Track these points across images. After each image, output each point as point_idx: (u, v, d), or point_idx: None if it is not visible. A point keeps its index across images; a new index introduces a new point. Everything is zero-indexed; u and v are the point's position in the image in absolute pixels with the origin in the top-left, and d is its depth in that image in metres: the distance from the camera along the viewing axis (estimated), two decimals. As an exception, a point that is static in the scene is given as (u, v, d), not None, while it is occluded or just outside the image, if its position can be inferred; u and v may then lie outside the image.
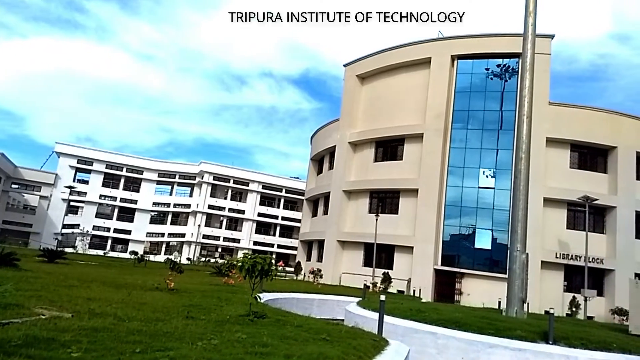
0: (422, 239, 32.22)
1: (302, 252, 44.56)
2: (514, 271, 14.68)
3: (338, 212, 37.61)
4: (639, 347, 10.24)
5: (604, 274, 30.71)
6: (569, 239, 30.43)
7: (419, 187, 33.27)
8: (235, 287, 14.48)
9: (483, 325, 10.59)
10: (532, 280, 23.63)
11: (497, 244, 31.22)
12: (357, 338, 6.58)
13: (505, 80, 33.65)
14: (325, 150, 42.95)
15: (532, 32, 16.42)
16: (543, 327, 10.49)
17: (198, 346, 4.95)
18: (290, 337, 5.92)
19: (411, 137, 35.01)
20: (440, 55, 34.84)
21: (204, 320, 6.96)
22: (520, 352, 9.52)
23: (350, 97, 39.73)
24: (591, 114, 32.51)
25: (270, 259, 7.81)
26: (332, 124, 42.28)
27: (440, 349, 10.12)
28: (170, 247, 74.07)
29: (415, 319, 11.22)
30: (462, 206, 32.84)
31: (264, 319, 7.29)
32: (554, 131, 31.16)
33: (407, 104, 35.92)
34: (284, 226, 77.97)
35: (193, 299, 10.11)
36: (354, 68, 40.28)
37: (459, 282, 31.50)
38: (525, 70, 16.18)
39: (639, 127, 32.71)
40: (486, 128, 33.45)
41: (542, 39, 29.80)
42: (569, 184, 30.69)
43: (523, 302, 14.79)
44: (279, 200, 78.88)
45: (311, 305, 16.80)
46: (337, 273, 35.67)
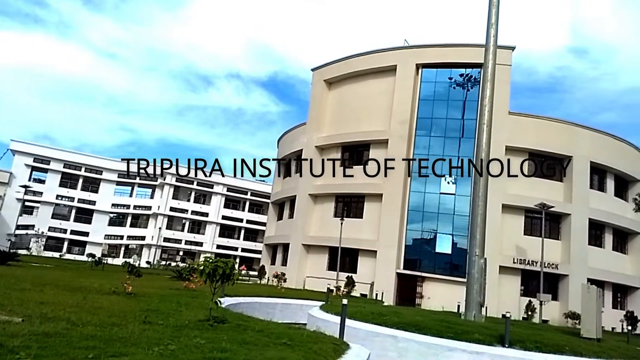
0: (386, 243, 32.62)
1: (267, 256, 44.27)
2: (473, 275, 15.05)
3: (304, 216, 37.60)
4: (590, 349, 10.67)
5: (558, 279, 31.92)
6: (526, 245, 31.49)
7: (383, 192, 33.70)
8: (196, 292, 14.22)
9: (442, 329, 10.80)
10: (490, 285, 24.31)
11: (457, 248, 31.96)
12: (318, 342, 6.58)
13: (467, 89, 34.58)
14: (292, 154, 42.90)
15: (493, 44, 16.95)
16: (500, 331, 10.79)
17: (154, 352, 4.83)
18: (251, 342, 5.86)
19: (376, 142, 35.45)
20: (405, 63, 35.48)
21: (162, 325, 6.80)
22: (477, 355, 9.75)
23: (318, 101, 39.90)
24: (549, 124, 33.82)
25: (232, 263, 7.72)
26: (299, 127, 42.33)
27: (401, 352, 10.24)
28: (129, 250, 72.08)
29: (377, 322, 11.32)
30: (424, 211, 33.48)
31: (225, 324, 7.19)
32: (513, 140, 32.22)
33: (373, 110, 36.37)
34: (248, 229, 77.26)
35: (151, 303, 9.86)
36: (321, 73, 40.49)
37: (420, 286, 32.04)
38: (487, 80, 16.68)
39: (594, 138, 34.30)
40: (448, 135, 34.26)
41: (503, 51, 30.85)
42: (527, 192, 31.77)
43: (481, 306, 15.17)
44: (244, 203, 78.14)
45: (274, 309, 16.68)
46: (302, 277, 35.62)
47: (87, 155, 73.06)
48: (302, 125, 41.69)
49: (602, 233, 34.49)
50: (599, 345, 12.26)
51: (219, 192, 75.29)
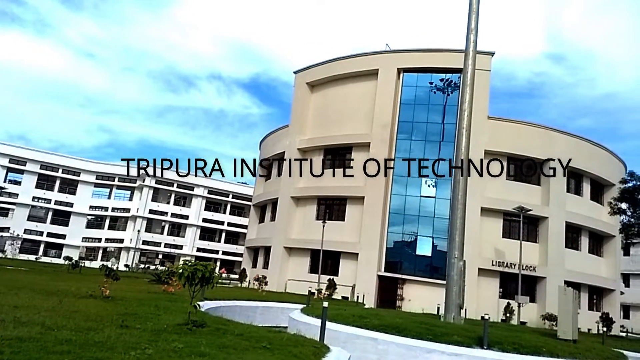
0: (367, 246, 32.75)
1: (248, 259, 44.01)
2: (452, 278, 15.21)
3: (286, 219, 37.51)
4: (566, 351, 10.87)
5: (536, 281, 32.47)
6: (505, 247, 31.96)
7: (365, 194, 33.85)
8: (175, 295, 14.05)
9: (422, 331, 10.88)
10: (469, 287, 24.63)
11: (437, 251, 32.25)
12: (298, 345, 6.56)
13: (447, 94, 35.01)
14: (274, 156, 42.79)
15: (473, 49, 17.21)
16: (478, 333, 10.90)
17: (131, 356, 4.76)
18: (230, 346, 5.81)
19: (358, 145, 35.61)
20: (387, 68, 35.76)
21: (140, 329, 6.70)
22: (456, 357, 9.85)
23: (300, 104, 39.91)
24: (527, 129, 34.44)
25: (211, 266, 7.65)
26: (282, 130, 42.26)
27: (381, 354, 10.28)
28: (107, 253, 70.90)
29: (357, 325, 11.34)
30: (405, 214, 33.72)
31: (204, 328, 7.11)
32: (492, 144, 32.71)
33: (355, 113, 36.54)
34: (230, 232, 76.72)
35: (129, 307, 9.71)
36: (304, 75, 40.52)
37: (401, 288, 32.23)
38: (466, 85, 16.91)
39: (570, 143, 35.05)
40: (429, 139, 34.61)
41: (483, 56, 31.34)
42: (505, 195, 32.27)
43: (460, 308, 15.33)
44: (225, 206, 77.56)
45: (255, 313, 16.57)
46: (283, 280, 35.51)
47: (65, 157, 71.68)
48: (285, 127, 41.64)
49: (578, 236, 35.24)
50: (575, 346, 12.48)
51: (199, 195, 74.60)
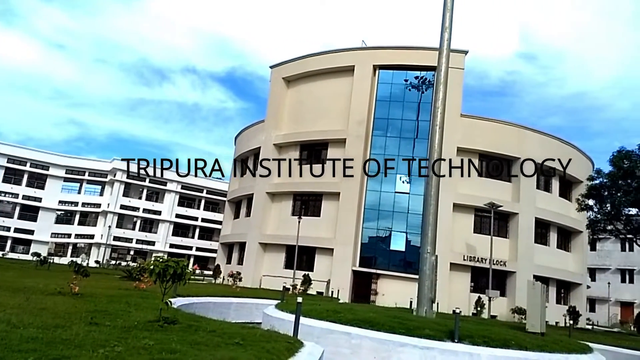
0: (342, 241, 32.94)
1: (222, 255, 43.68)
2: (424, 272, 15.43)
3: (261, 214, 37.35)
4: (534, 343, 11.16)
5: (506, 276, 33.28)
6: (476, 243, 32.62)
7: (340, 190, 33.98)
8: (147, 292, 13.83)
9: (395, 325, 10.99)
10: (441, 281, 25.02)
11: (411, 246, 32.69)
12: (271, 341, 6.56)
13: (422, 91, 35.41)
14: (249, 151, 42.51)
15: (447, 47, 17.42)
16: (450, 326, 11.09)
17: (99, 353, 4.66)
18: (202, 343, 5.76)
19: (334, 141, 35.70)
20: (363, 64, 35.91)
21: (109, 326, 6.58)
22: (428, 351, 10.01)
23: (276, 99, 39.71)
24: (499, 126, 35.14)
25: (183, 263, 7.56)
26: (258, 125, 41.98)
27: (354, 348, 10.37)
28: (77, 249, 69.24)
29: (331, 319, 11.39)
30: (380, 210, 34.05)
31: (175, 325, 7.03)
32: (465, 141, 33.27)
33: (331, 109, 36.59)
34: (204, 228, 75.88)
35: (99, 304, 9.51)
36: (280, 70, 40.32)
37: (375, 283, 32.56)
38: (440, 82, 17.12)
39: (541, 141, 35.96)
40: (403, 136, 34.98)
41: (457, 54, 31.81)
42: (477, 191, 32.91)
43: (432, 302, 15.58)
44: (199, 201, 76.66)
45: (228, 309, 16.46)
46: (258, 276, 35.39)
47: (33, 150, 69.51)
48: (261, 122, 41.39)
49: (547, 231, 36.25)
50: (542, 339, 12.82)
51: (172, 190, 73.52)
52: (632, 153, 25.86)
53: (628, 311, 55.69)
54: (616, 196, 26.08)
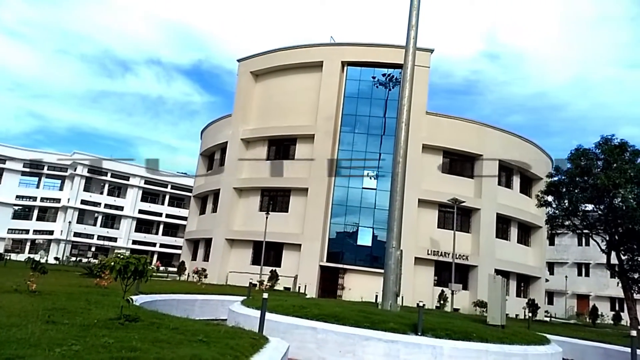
0: (310, 237, 32.98)
1: (187, 252, 42.99)
2: (390, 267, 15.66)
3: (228, 210, 36.93)
4: (494, 335, 11.49)
5: (468, 270, 34.14)
6: (439, 237, 33.31)
7: (309, 186, 34.00)
8: (108, 289, 13.47)
9: (360, 319, 11.11)
10: (406, 275, 25.49)
11: (377, 241, 33.06)
12: (235, 338, 6.50)
13: (389, 89, 35.78)
14: (216, 146, 41.90)
15: (413, 45, 17.65)
16: (414, 320, 11.29)
17: (56, 353, 4.51)
18: (164, 340, 5.65)
19: (303, 137, 35.65)
20: (331, 60, 35.96)
21: (67, 324, 6.37)
22: (392, 344, 10.17)
23: (244, 93, 39.26)
24: (463, 124, 35.94)
25: (145, 259, 7.40)
26: (225, 119, 41.40)
27: (320, 343, 10.42)
28: (36, 246, 66.80)
29: (297, 315, 11.41)
30: (348, 205, 34.27)
31: (137, 322, 6.87)
32: (430, 138, 33.88)
33: (299, 104, 36.48)
34: (168, 224, 74.52)
35: (57, 301, 9.20)
36: (247, 64, 39.86)
37: (342, 278, 32.80)
38: (406, 80, 17.34)
39: (502, 138, 37.00)
40: (371, 133, 35.29)
41: (423, 53, 32.24)
42: (441, 187, 33.60)
43: (397, 296, 15.83)
44: (163, 197, 75.15)
45: (193, 306, 16.22)
46: (224, 272, 35.01)
47: (-12, 143, 66.52)
48: (228, 117, 40.84)
49: (508, 227, 37.38)
50: (502, 331, 13.20)
51: (135, 185, 71.79)
52: (589, 151, 26.88)
53: (584, 303, 58.17)
54: (574, 193, 27.04)
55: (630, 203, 23.64)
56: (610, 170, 24.84)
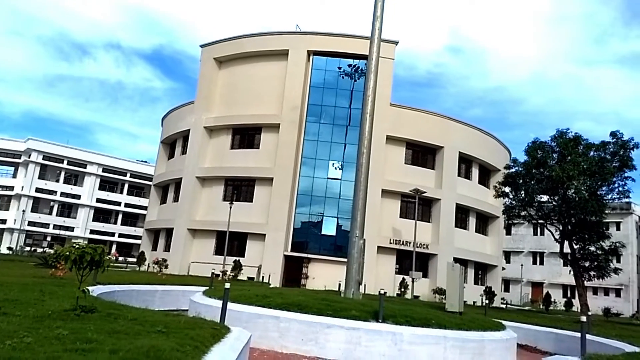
0: (275, 227, 32.90)
1: (148, 242, 42.07)
2: (353, 255, 15.83)
3: (190, 199, 36.30)
4: (452, 322, 11.81)
5: (428, 258, 35.01)
6: (401, 227, 33.95)
7: (274, 176, 33.82)
8: (64, 280, 13.03)
9: (322, 307, 11.19)
10: (369, 264, 25.88)
11: (342, 230, 33.37)
12: (196, 328, 6.41)
13: (354, 80, 35.93)
14: (178, 134, 40.99)
15: (378, 36, 17.71)
16: (375, 307, 11.46)
17: (6, 345, 4.33)
18: (121, 332, 5.52)
19: (268, 126, 35.37)
20: (297, 49, 35.71)
21: (20, 316, 6.12)
22: (353, 331, 10.31)
23: (207, 80, 38.48)
24: (425, 116, 36.58)
25: (101, 249, 7.18)
26: (187, 106, 40.48)
27: (282, 332, 10.46)
28: (-14, 236, 63.70)
29: (260, 304, 11.38)
30: (313, 195, 34.40)
31: (93, 314, 6.68)
32: (394, 130, 34.33)
33: (264, 93, 36.10)
34: (127, 214, 72.62)
35: (9, 292, 8.82)
36: (211, 50, 39.05)
37: (306, 267, 32.98)
38: (370, 71, 17.42)
39: (463, 131, 37.91)
40: (336, 123, 35.41)
41: (387, 45, 32.51)
42: (404, 178, 34.19)
43: (359, 284, 16.03)
44: (122, 185, 73.10)
45: (153, 297, 15.91)
46: (186, 263, 34.50)
47: None
48: (190, 104, 39.96)
49: (467, 217, 38.49)
50: (460, 318, 13.58)
51: (93, 173, 69.48)
52: (545, 144, 27.86)
53: (538, 290, 60.83)
54: (530, 184, 28.00)
55: (583, 194, 24.73)
56: (564, 163, 25.86)
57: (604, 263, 26.86)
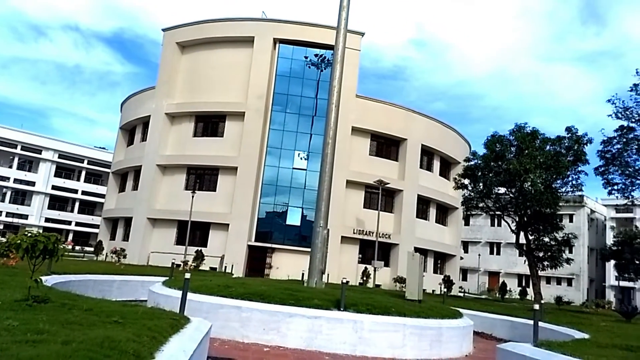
0: (238, 217, 32.60)
1: (106, 231, 40.85)
2: (316, 245, 15.91)
3: (150, 188, 35.41)
4: (412, 310, 12.09)
5: (390, 248, 35.64)
6: (365, 217, 34.36)
7: (238, 165, 33.42)
8: (17, 269, 12.48)
9: (285, 297, 11.21)
10: (333, 254, 26.09)
11: (306, 220, 33.44)
12: (154, 318, 6.28)
13: (321, 70, 35.84)
14: (138, 120, 39.78)
15: (344, 27, 17.68)
16: (337, 296, 11.58)
17: (-50, 339, 4.11)
18: (75, 322, 5.34)
19: (232, 114, 34.83)
20: (263, 37, 35.23)
21: (-35, 308, 5.82)
22: (315, 320, 10.40)
23: (169, 65, 37.44)
24: (390, 109, 36.97)
25: (55, 237, 6.90)
26: (148, 91, 39.30)
27: (244, 322, 10.42)
28: None
29: (222, 294, 11.28)
30: (278, 185, 34.25)
31: (47, 304, 6.43)
32: (359, 121, 34.55)
33: (229, 80, 35.48)
34: (85, 202, 70.28)
35: (-46, 284, 8.39)
36: (173, 34, 37.97)
37: (270, 257, 32.92)
38: (336, 62, 17.39)
39: (426, 124, 38.58)
40: (302, 113, 35.28)
41: (354, 36, 32.57)
42: (368, 169, 34.53)
43: (322, 273, 16.15)
44: (79, 172, 70.57)
45: (111, 287, 15.51)
46: (146, 252, 33.71)
47: None
48: (151, 89, 38.80)
49: (427, 207, 39.34)
50: (419, 306, 13.92)
51: (48, 159, 66.72)
52: (503, 138, 28.64)
53: (494, 279, 63.04)
54: (488, 176, 28.77)
55: (539, 187, 25.61)
56: (521, 157, 26.67)
57: (557, 253, 27.99)
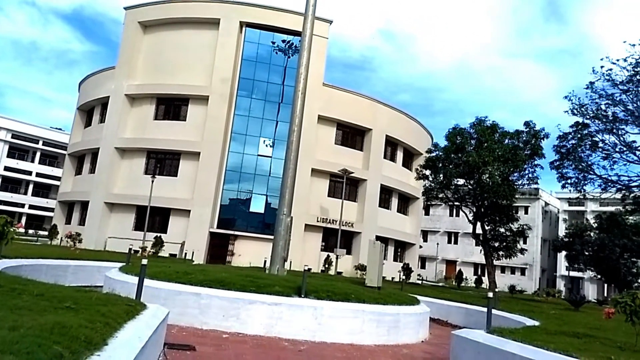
0: (200, 203, 32.11)
1: (61, 214, 39.41)
2: (279, 233, 15.91)
3: (108, 171, 34.32)
4: (371, 297, 12.30)
5: (353, 236, 36.06)
6: (329, 205, 34.54)
7: (201, 150, 32.82)
8: (-38, 254, 11.90)
9: (246, 284, 11.16)
10: (296, 241, 26.18)
11: (270, 208, 33.29)
12: (109, 304, 6.11)
13: (288, 56, 35.50)
14: (96, 101, 38.33)
15: (312, 13, 17.53)
16: (299, 283, 11.63)
17: None
18: (25, 307, 5.13)
19: (196, 98, 34.08)
20: (229, 19, 34.51)
21: None
22: (276, 306, 10.42)
23: (130, 44, 36.15)
24: (356, 98, 37.12)
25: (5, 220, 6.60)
26: (107, 71, 37.86)
27: (203, 309, 10.31)
28: None
29: (181, 281, 11.11)
30: (242, 172, 33.88)
31: (-6, 289, 6.16)
32: (325, 110, 34.54)
33: (193, 63, 34.64)
34: (39, 184, 67.51)
35: None
36: (135, 13, 36.63)
37: (232, 244, 32.66)
38: (304, 48, 17.26)
39: (391, 115, 38.99)
40: (269, 99, 34.90)
41: (322, 23, 32.39)
42: (333, 158, 34.65)
43: (284, 261, 16.19)
44: (34, 153, 67.62)
45: (65, 272, 14.97)
46: (103, 238, 32.76)
47: None
48: (111, 69, 37.40)
49: (390, 197, 39.96)
50: (379, 292, 14.19)
51: (1, 139, 63.56)
52: (464, 130, 29.33)
53: (452, 268, 64.97)
54: (448, 168, 29.44)
55: (496, 179, 26.42)
56: (481, 149, 27.43)
57: (512, 244, 29.06)
